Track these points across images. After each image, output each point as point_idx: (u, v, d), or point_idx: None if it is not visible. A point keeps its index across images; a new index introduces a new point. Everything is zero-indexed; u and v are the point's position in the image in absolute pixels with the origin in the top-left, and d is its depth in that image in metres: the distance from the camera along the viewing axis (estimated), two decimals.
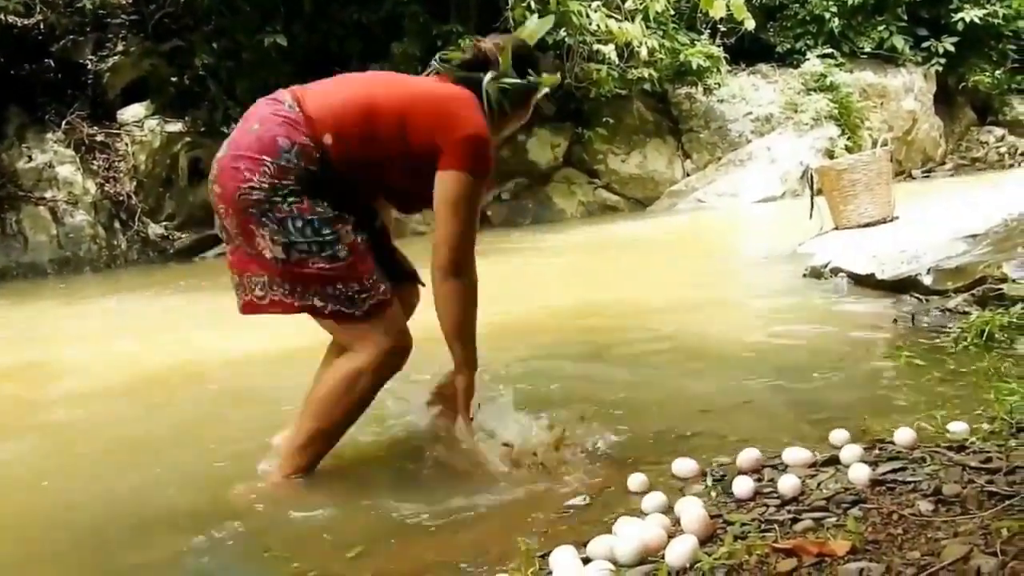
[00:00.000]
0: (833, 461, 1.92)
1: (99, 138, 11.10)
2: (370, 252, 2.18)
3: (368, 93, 2.21)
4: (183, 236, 11.24)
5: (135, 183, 11.08)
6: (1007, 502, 1.44)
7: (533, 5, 10.83)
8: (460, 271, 2.17)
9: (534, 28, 2.65)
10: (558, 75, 2.83)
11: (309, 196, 2.06)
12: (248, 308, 2.19)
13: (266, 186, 2.03)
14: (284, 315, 2.16)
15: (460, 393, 2.25)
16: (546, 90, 2.51)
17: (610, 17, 11.79)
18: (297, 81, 2.31)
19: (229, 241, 2.18)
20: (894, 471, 1.75)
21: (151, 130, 11.30)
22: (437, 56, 2.43)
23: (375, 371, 2.16)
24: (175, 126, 11.39)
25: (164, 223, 11.28)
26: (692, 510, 1.59)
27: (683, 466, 1.99)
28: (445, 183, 2.14)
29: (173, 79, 11.52)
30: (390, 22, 11.28)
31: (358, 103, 2.16)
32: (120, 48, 11.41)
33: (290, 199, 2.04)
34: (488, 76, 2.30)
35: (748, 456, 1.96)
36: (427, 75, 2.40)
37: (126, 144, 11.19)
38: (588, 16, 11.48)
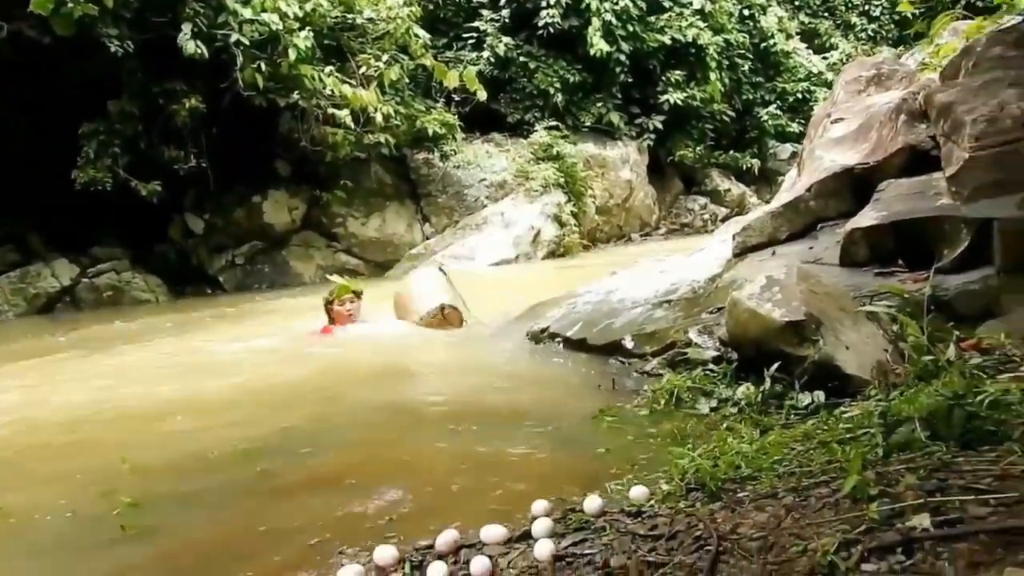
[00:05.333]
0: (526, 536, 1.99)
1: None
2: None
3: None
4: None
5: None
6: (660, 570, 1.56)
7: (263, 67, 10.66)
8: None
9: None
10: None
11: None
12: None
13: None
14: None
15: None
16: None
17: (344, 82, 11.86)
18: None
19: None
20: (575, 544, 1.85)
21: None
22: None
23: None
24: None
25: None
26: None
27: (383, 554, 1.97)
28: None
29: None
30: (106, 79, 10.54)
31: None
32: None
33: None
34: None
35: (445, 539, 1.99)
36: None
37: None
38: (321, 80, 11.47)
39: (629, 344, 4.29)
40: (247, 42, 10.59)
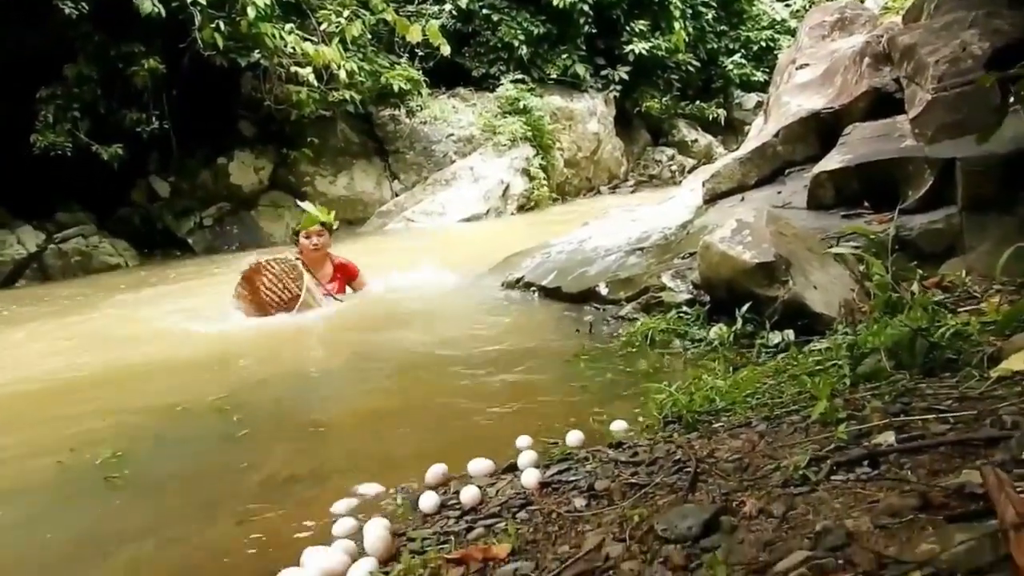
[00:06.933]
0: (512, 468, 2.07)
1: None
2: None
3: None
4: None
5: None
6: (642, 490, 1.65)
7: (222, 26, 10.47)
8: None
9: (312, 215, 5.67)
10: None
11: None
12: None
13: None
14: None
15: None
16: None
17: (306, 40, 11.67)
18: None
19: None
20: (560, 472, 1.93)
21: None
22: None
23: None
24: None
25: None
26: (374, 532, 1.64)
27: (370, 489, 2.04)
28: None
29: None
30: (62, 42, 10.27)
31: None
32: None
33: None
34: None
35: (435, 473, 2.06)
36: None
37: None
38: (282, 38, 11.28)
39: (603, 291, 4.36)
40: (204, 1, 10.37)
